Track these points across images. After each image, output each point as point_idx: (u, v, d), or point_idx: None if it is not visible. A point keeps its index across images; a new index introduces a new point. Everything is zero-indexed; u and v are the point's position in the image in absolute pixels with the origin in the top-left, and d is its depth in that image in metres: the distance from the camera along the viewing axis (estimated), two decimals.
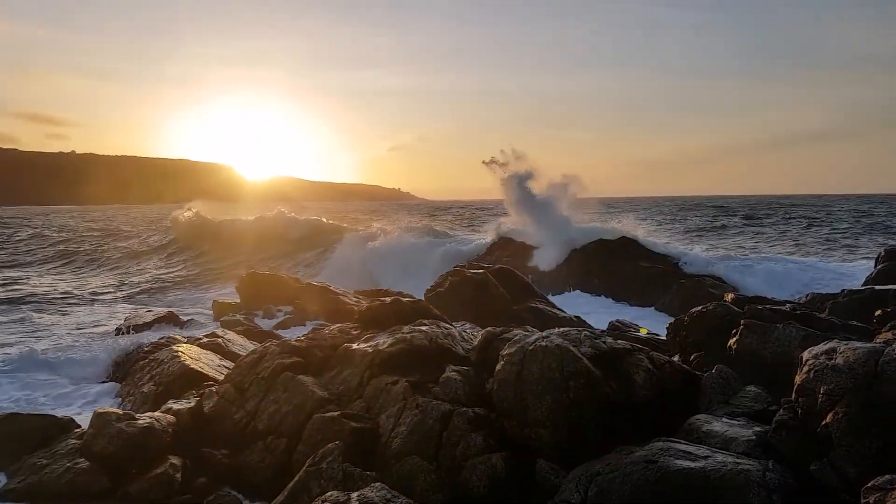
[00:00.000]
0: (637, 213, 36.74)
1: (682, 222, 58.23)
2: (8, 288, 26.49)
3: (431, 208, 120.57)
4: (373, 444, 6.87)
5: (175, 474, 7.03)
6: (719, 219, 61.25)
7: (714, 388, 6.63)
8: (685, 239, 40.90)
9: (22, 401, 10.57)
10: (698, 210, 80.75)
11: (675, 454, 5.10)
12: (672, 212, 77.77)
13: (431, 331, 8.58)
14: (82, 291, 26.11)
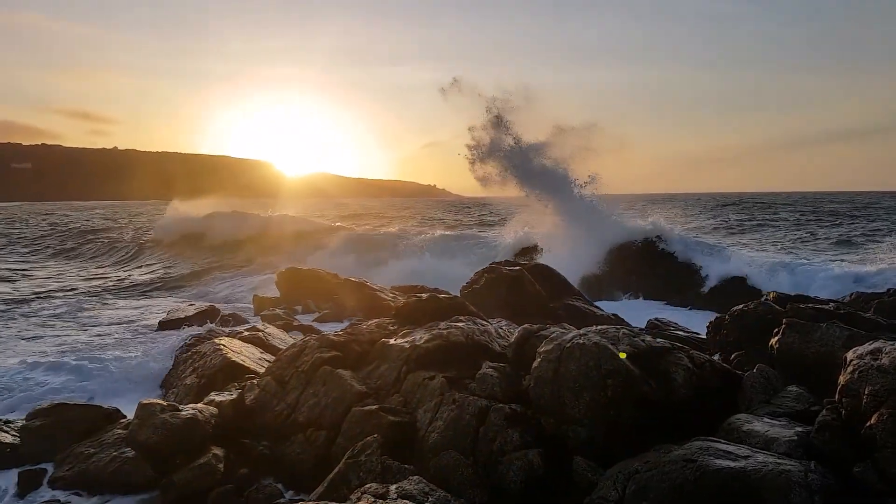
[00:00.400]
0: (675, 210, 36.16)
1: (718, 219, 57.31)
2: (54, 279, 27.31)
3: (464, 204, 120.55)
4: (410, 438, 6.95)
5: (218, 464, 7.19)
6: (773, 216, 59.89)
7: (755, 387, 6.56)
8: (725, 236, 40.31)
9: (67, 391, 10.91)
10: (738, 207, 79.37)
11: (714, 453, 5.06)
12: (711, 208, 76.54)
13: (468, 327, 8.63)
14: (122, 283, 26.73)
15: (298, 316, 16.31)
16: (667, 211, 29.97)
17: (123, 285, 26.39)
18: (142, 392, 10.92)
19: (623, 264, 22.93)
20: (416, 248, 30.98)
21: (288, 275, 18.80)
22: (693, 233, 28.00)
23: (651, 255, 22.97)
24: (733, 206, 79.81)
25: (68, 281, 27.31)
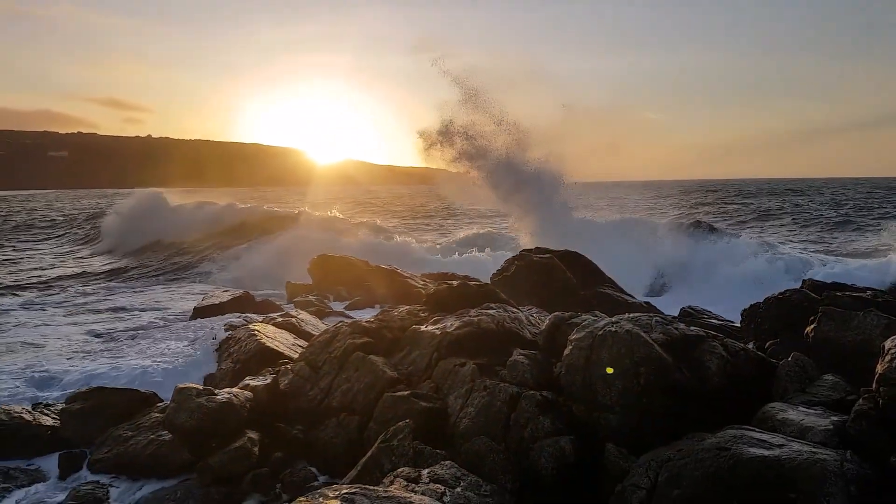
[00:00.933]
0: (715, 196, 35.82)
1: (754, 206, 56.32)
2: (86, 265, 27.89)
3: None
4: (441, 424, 7.00)
5: (253, 448, 7.31)
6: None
7: (790, 376, 6.49)
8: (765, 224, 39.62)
9: (107, 377, 11.17)
10: (781, 194, 77.85)
11: (748, 442, 5.03)
12: (750, 195, 75.23)
13: (498, 314, 8.64)
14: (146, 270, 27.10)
15: (330, 302, 16.48)
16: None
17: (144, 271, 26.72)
18: (179, 377, 11.16)
19: None
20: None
21: (319, 262, 19.00)
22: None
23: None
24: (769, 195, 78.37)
25: (93, 266, 27.85)
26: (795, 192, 77.42)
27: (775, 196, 70.18)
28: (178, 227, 33.73)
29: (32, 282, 23.81)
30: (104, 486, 7.24)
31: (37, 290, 21.76)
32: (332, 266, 18.76)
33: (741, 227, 36.03)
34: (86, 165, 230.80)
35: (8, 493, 7.14)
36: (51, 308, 18.27)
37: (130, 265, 29.01)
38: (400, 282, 17.75)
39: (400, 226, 45.14)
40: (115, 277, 25.65)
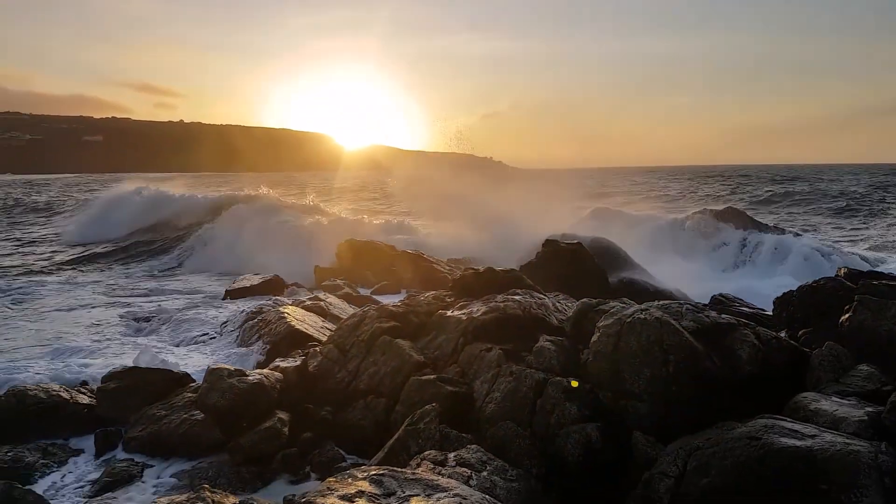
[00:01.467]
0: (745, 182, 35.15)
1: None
2: (118, 246, 28.35)
3: (522, 177, 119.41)
4: (467, 408, 7.02)
5: (282, 428, 7.41)
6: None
7: (824, 365, 6.38)
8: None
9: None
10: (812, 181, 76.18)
11: (780, 431, 4.96)
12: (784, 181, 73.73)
13: (525, 300, 8.62)
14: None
15: (357, 287, 16.56)
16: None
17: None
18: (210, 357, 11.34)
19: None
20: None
21: (347, 246, 19.12)
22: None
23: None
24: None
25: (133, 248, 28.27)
26: (832, 179, 75.35)
27: (812, 181, 68.54)
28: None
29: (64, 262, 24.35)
30: (138, 464, 7.39)
31: (70, 272, 22.21)
32: (359, 251, 18.87)
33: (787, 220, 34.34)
34: (119, 150, 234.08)
35: (46, 469, 7.32)
36: (85, 287, 18.63)
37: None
38: (426, 267, 17.79)
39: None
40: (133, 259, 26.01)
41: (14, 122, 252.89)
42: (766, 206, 44.38)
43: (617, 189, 50.87)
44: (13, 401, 8.11)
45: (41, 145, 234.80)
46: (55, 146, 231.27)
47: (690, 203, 43.32)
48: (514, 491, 5.19)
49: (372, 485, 4.09)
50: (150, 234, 30.16)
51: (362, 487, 4.03)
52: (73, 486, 7.05)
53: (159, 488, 6.95)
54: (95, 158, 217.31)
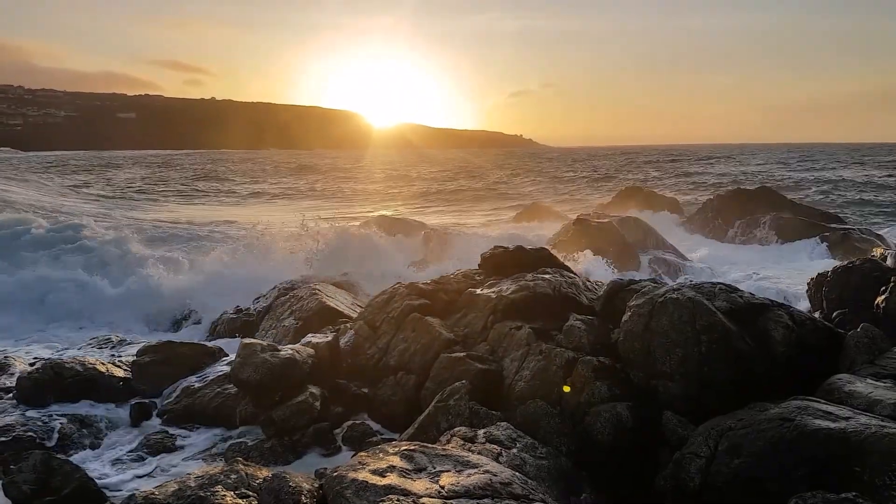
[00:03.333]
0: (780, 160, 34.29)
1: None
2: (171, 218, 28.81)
3: (558, 156, 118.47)
4: (497, 386, 7.05)
5: (314, 402, 7.51)
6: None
7: (859, 347, 6.28)
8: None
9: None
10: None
11: (813, 413, 4.90)
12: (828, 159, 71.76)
13: (555, 279, 8.59)
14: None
15: None
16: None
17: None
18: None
19: (719, 215, 22.12)
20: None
21: (377, 222, 19.23)
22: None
23: (752, 205, 21.97)
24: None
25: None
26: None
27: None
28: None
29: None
30: (173, 436, 7.56)
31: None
32: (390, 228, 18.96)
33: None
34: (152, 127, 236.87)
35: (83, 439, 7.53)
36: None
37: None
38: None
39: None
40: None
41: (50, 99, 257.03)
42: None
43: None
44: (51, 372, 8.33)
45: (76, 122, 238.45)
46: (90, 123, 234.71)
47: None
48: (544, 468, 5.22)
49: (403, 460, 4.14)
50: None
51: (393, 462, 4.08)
52: (108, 456, 7.24)
53: (193, 460, 7.11)
54: (129, 135, 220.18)
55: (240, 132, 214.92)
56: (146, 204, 40.76)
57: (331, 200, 40.54)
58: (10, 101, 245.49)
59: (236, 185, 55.47)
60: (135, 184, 54.48)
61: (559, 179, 56.14)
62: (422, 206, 38.50)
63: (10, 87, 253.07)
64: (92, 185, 51.73)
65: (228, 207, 37.26)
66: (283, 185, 55.78)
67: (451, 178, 63.05)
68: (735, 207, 22.23)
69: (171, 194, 47.93)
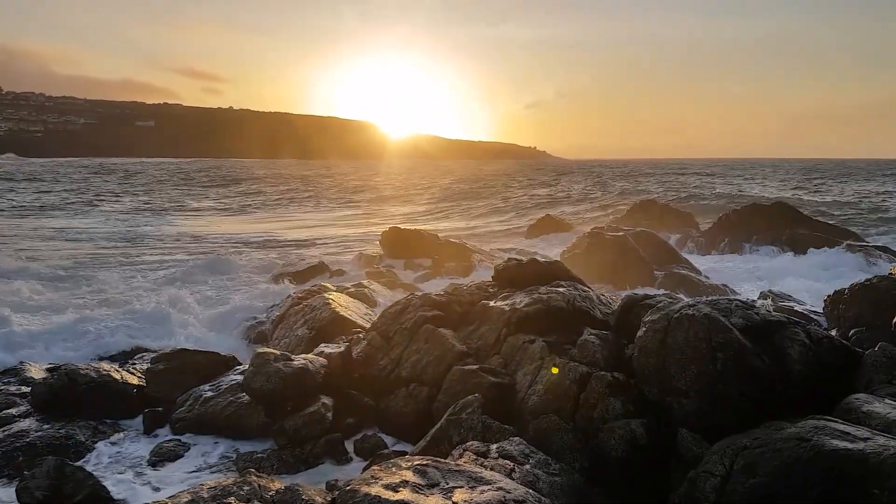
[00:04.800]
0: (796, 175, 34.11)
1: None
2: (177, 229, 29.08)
3: (566, 168, 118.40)
4: (510, 400, 7.02)
5: (326, 413, 7.51)
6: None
7: (877, 366, 6.19)
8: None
9: (192, 338, 11.68)
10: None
11: (830, 433, 4.84)
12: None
13: (569, 292, 8.55)
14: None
15: (400, 274, 16.68)
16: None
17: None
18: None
19: (734, 231, 21.96)
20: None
21: (391, 234, 19.24)
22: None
23: (768, 222, 21.80)
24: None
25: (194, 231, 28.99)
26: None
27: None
28: None
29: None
30: (185, 445, 7.59)
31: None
32: (404, 238, 18.97)
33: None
34: (171, 135, 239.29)
35: (96, 446, 7.57)
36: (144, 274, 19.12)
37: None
38: (469, 256, 17.80)
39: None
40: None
41: (70, 107, 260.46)
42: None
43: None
44: (66, 379, 8.39)
45: (95, 129, 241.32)
46: (109, 130, 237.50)
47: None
48: (557, 485, 5.18)
49: (416, 475, 4.12)
50: None
51: (406, 477, 4.07)
52: (121, 464, 7.27)
53: (205, 469, 7.12)
54: (148, 143, 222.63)
55: (257, 141, 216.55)
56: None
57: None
58: (31, 108, 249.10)
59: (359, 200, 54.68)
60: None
61: (573, 192, 56.10)
62: (438, 215, 38.56)
63: (32, 95, 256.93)
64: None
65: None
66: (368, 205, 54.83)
67: (466, 190, 63.13)
68: (751, 222, 22.06)
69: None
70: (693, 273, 16.37)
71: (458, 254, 17.87)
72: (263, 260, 19.72)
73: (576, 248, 17.68)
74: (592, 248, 16.98)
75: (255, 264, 18.52)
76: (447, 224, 32.77)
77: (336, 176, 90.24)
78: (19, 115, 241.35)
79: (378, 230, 25.61)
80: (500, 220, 33.45)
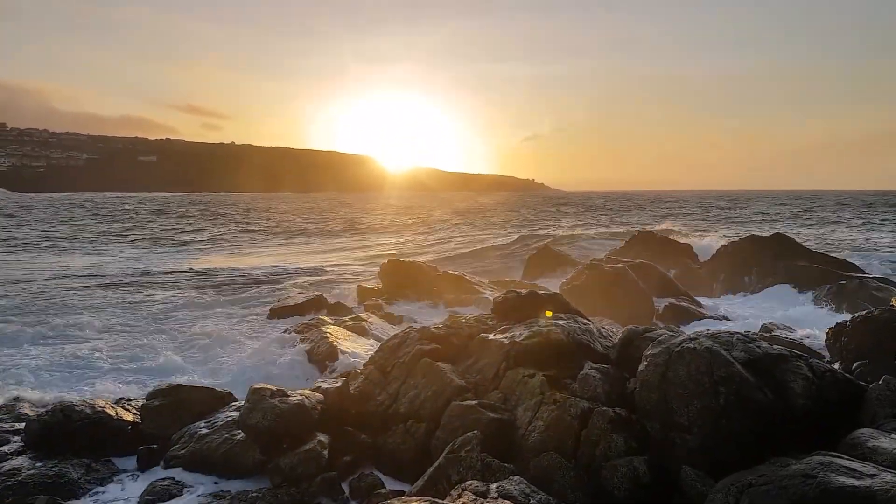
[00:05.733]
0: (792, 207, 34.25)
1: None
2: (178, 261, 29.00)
3: (565, 200, 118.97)
4: (509, 436, 6.90)
5: (322, 451, 7.37)
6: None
7: (881, 400, 6.10)
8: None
9: (187, 371, 11.55)
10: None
11: (836, 469, 4.73)
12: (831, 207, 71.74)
13: (568, 325, 8.48)
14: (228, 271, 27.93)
15: (399, 307, 16.59)
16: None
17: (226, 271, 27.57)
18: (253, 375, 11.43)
19: (733, 263, 21.90)
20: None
21: (390, 267, 19.17)
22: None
23: (766, 254, 21.77)
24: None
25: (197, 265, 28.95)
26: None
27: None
28: None
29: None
30: (179, 483, 7.43)
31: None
32: (403, 271, 18.89)
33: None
34: (173, 170, 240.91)
35: (89, 485, 7.42)
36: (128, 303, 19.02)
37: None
38: (468, 288, 17.73)
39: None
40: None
41: (73, 142, 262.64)
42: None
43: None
44: (60, 416, 8.27)
45: (98, 165, 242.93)
46: (111, 166, 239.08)
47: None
48: None
49: None
50: None
51: None
52: (114, 502, 7.12)
53: None
54: (150, 178, 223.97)
55: (258, 175, 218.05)
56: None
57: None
58: (34, 144, 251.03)
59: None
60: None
61: (572, 223, 56.26)
62: (436, 247, 38.52)
63: (35, 131, 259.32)
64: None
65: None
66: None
67: (463, 220, 63.32)
68: (750, 255, 21.98)
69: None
70: (693, 305, 16.30)
71: (457, 286, 17.80)
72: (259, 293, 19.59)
73: (575, 280, 17.61)
74: (592, 280, 16.91)
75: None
76: (445, 255, 32.69)
77: (335, 208, 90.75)
78: (23, 151, 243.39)
79: (377, 260, 25.59)
80: (498, 252, 33.39)
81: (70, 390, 10.59)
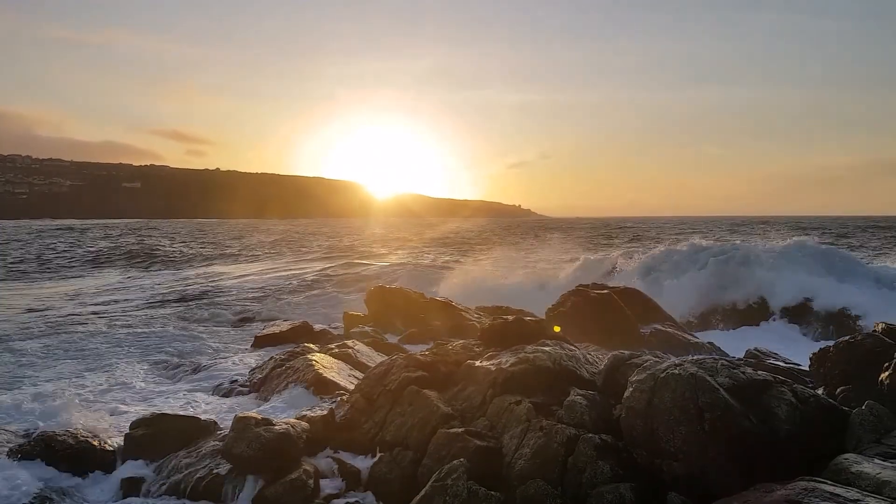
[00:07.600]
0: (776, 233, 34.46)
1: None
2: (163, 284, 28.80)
3: (550, 225, 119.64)
4: (496, 464, 6.87)
5: (308, 480, 7.29)
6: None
7: (864, 425, 6.15)
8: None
9: (171, 404, 11.43)
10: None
11: (821, 495, 4.76)
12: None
13: (555, 352, 8.49)
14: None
15: (385, 334, 16.52)
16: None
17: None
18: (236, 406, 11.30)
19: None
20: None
21: (376, 294, 19.12)
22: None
23: None
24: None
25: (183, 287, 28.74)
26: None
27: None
28: None
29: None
30: None
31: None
32: (388, 298, 18.85)
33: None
34: (157, 196, 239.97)
35: None
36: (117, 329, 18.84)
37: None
38: (455, 315, 17.70)
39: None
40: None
41: (56, 169, 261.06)
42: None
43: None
44: (42, 445, 8.15)
45: (81, 191, 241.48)
46: (95, 192, 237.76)
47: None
48: None
49: None
50: None
51: None
52: None
53: None
54: (134, 204, 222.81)
55: (244, 202, 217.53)
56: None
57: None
58: (16, 171, 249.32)
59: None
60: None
61: (556, 249, 56.51)
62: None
63: (18, 157, 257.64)
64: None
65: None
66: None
67: (447, 246, 63.43)
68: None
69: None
70: (679, 331, 16.34)
71: (444, 313, 17.75)
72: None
73: (561, 305, 17.60)
74: (577, 305, 16.90)
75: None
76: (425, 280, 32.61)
77: (319, 234, 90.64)
78: (6, 178, 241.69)
79: (361, 287, 25.55)
80: (484, 277, 33.40)
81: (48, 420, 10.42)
